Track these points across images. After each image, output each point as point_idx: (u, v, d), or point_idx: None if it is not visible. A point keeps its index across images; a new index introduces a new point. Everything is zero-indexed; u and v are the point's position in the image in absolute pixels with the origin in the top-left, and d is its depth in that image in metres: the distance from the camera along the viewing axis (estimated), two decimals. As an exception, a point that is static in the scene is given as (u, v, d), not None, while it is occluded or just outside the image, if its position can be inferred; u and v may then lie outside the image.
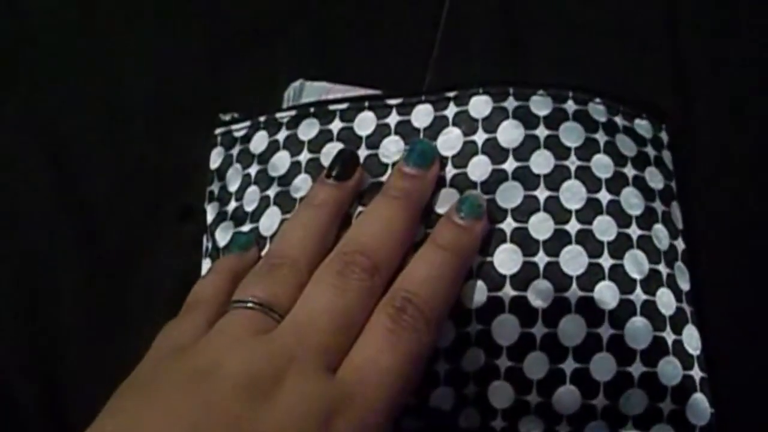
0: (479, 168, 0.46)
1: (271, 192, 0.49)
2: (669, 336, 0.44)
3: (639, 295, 0.44)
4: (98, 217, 0.55)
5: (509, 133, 0.46)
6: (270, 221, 0.48)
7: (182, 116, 0.57)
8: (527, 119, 0.47)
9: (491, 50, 0.56)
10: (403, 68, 0.56)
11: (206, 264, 0.50)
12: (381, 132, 0.49)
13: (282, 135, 0.50)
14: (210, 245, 0.50)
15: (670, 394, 0.43)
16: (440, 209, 0.46)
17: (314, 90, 0.53)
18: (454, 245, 0.42)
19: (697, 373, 0.44)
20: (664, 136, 0.50)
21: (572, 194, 0.45)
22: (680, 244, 0.47)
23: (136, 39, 0.60)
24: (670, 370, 0.43)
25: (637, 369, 0.43)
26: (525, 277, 0.43)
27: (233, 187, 0.51)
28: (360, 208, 0.46)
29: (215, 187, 0.52)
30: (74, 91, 0.59)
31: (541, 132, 0.46)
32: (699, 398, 0.44)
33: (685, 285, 0.46)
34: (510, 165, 0.46)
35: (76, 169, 0.57)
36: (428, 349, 0.41)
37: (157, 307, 0.52)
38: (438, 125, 0.48)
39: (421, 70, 0.56)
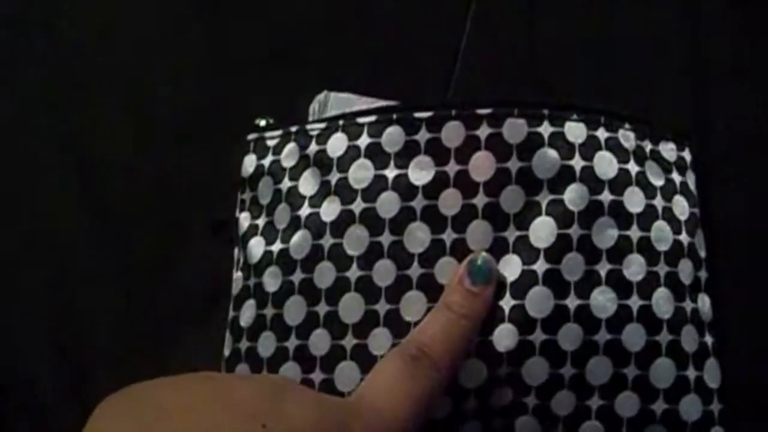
0: (513, 198, 0.46)
1: (302, 213, 0.48)
2: (691, 373, 0.45)
3: (665, 336, 0.45)
4: (127, 228, 0.56)
5: (545, 162, 0.46)
6: (300, 244, 0.48)
7: (210, 127, 0.57)
8: (562, 147, 0.46)
9: (512, 65, 0.56)
10: (425, 82, 0.56)
11: (237, 278, 0.51)
12: (410, 150, 0.47)
13: (312, 149, 0.49)
14: (242, 258, 0.51)
15: (689, 429, 0.45)
16: (474, 246, 0.46)
17: (339, 101, 0.52)
18: (465, 311, 0.44)
19: (716, 406, 0.46)
20: (686, 155, 0.50)
21: (604, 232, 0.45)
22: (703, 274, 0.48)
23: (166, 53, 0.60)
24: (691, 406, 0.45)
25: (659, 406, 0.45)
26: (556, 320, 0.44)
27: (264, 201, 0.50)
28: (392, 238, 0.46)
29: (247, 197, 0.52)
30: (104, 104, 0.59)
31: (577, 163, 0.46)
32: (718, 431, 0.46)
33: (707, 316, 0.47)
34: (544, 198, 0.46)
35: (105, 181, 0.57)
36: (438, 392, 0.43)
37: (186, 318, 0.54)
38: (469, 146, 0.47)
39: (443, 85, 0.55)
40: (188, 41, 0.60)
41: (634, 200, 0.46)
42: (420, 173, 0.47)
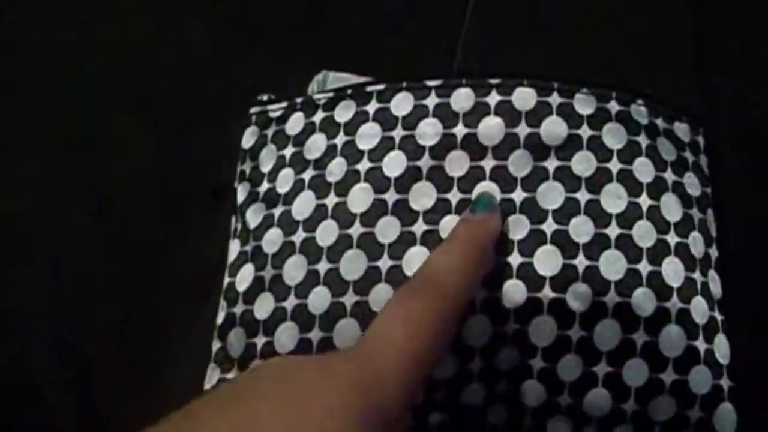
0: (520, 162, 0.46)
1: (306, 175, 0.48)
2: (701, 345, 0.44)
3: (675, 303, 0.44)
4: (128, 204, 0.55)
5: (552, 130, 0.46)
6: (303, 205, 0.47)
7: (209, 103, 0.57)
8: (571, 117, 0.46)
9: (516, 42, 0.56)
10: (429, 60, 0.56)
11: (234, 245, 0.49)
12: (418, 113, 0.47)
13: (318, 117, 0.49)
14: (239, 226, 0.50)
15: (699, 402, 0.44)
16: None
17: (338, 81, 0.52)
18: (469, 237, 0.42)
19: (725, 382, 0.44)
20: (700, 139, 0.50)
21: (613, 198, 0.45)
22: (714, 252, 0.47)
23: (166, 28, 0.60)
24: (700, 379, 0.44)
25: (668, 376, 0.43)
26: (564, 279, 0.43)
27: (266, 168, 0.50)
28: (397, 196, 0.46)
29: (247, 167, 0.51)
30: (103, 78, 0.59)
31: (584, 132, 0.46)
32: (726, 408, 0.44)
33: (717, 293, 0.46)
34: (551, 163, 0.46)
35: (105, 156, 0.57)
36: (447, 325, 0.39)
37: (188, 291, 0.52)
38: (478, 111, 0.47)
39: (448, 62, 0.56)
40: (188, 24, 0.60)
41: (643, 170, 0.46)
42: (428, 134, 0.47)
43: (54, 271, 0.54)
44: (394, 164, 0.46)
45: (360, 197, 0.46)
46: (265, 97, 0.52)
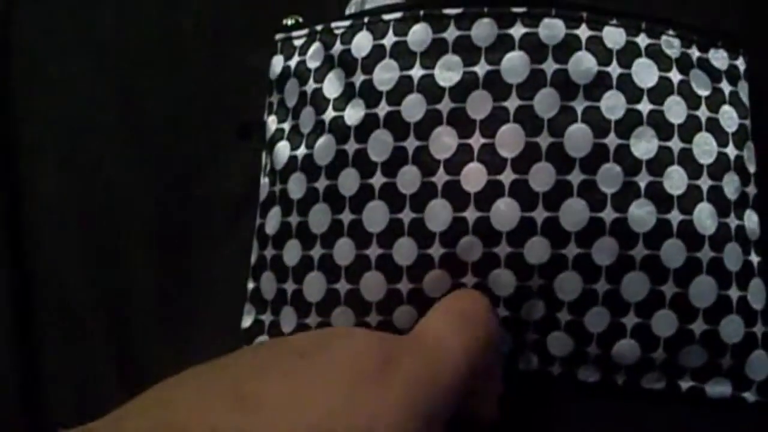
0: (547, 102, 0.43)
1: (326, 117, 0.46)
2: (734, 293, 0.43)
3: (706, 252, 0.42)
4: (159, 138, 0.55)
5: (581, 67, 0.43)
6: (325, 149, 0.46)
7: (238, 29, 0.55)
8: (600, 53, 0.43)
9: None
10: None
11: (264, 182, 0.49)
12: (436, 49, 0.44)
13: (336, 49, 0.47)
14: (269, 163, 0.49)
15: (730, 351, 0.43)
16: (504, 151, 0.43)
17: (377, 1, 0.48)
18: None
19: (760, 328, 0.43)
20: (740, 63, 0.46)
21: (644, 143, 0.42)
22: (752, 190, 0.45)
23: None
24: (732, 328, 0.43)
25: (698, 327, 0.43)
26: (590, 234, 0.42)
27: (291, 103, 0.48)
28: (418, 143, 0.44)
29: (274, 99, 0.50)
30: (130, 12, 0.58)
31: (614, 70, 0.43)
32: (759, 355, 0.43)
33: (754, 234, 0.44)
34: (579, 104, 0.43)
35: (135, 90, 0.56)
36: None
37: (218, 224, 0.53)
38: (503, 45, 0.44)
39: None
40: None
41: (675, 110, 0.43)
42: (447, 74, 0.44)
43: (94, 196, 0.55)
44: (413, 108, 0.44)
45: (380, 145, 0.44)
46: (290, 21, 0.50)
